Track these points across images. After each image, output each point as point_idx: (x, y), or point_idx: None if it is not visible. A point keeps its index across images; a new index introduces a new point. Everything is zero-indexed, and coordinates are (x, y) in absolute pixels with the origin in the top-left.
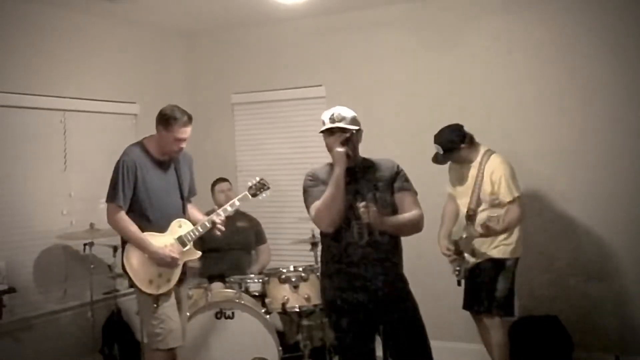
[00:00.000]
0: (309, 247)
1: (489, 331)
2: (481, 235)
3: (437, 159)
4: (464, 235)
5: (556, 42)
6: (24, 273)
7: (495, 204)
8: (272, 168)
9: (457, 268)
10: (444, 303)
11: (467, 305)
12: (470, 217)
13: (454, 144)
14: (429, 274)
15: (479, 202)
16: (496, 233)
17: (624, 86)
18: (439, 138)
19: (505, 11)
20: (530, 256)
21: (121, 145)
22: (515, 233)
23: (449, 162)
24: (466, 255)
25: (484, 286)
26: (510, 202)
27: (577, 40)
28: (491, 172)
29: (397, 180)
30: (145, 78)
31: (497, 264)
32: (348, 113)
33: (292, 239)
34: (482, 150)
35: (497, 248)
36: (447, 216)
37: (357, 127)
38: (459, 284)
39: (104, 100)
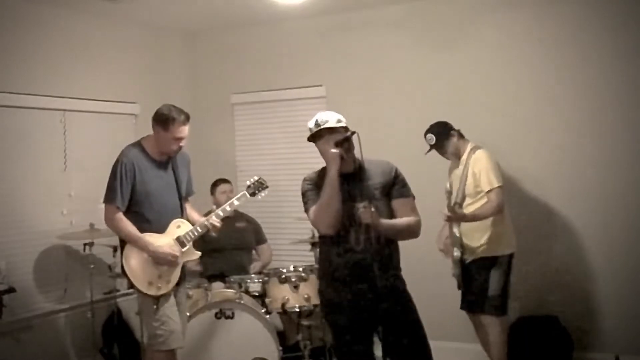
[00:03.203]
0: (309, 247)
1: (486, 330)
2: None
3: (430, 149)
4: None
5: (555, 41)
6: (24, 273)
7: (479, 197)
8: (272, 168)
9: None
10: (443, 303)
11: (463, 305)
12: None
13: (444, 133)
14: (427, 275)
15: (464, 197)
16: (471, 219)
17: (623, 86)
18: (429, 129)
19: (505, 11)
20: (529, 256)
21: (121, 145)
22: (500, 228)
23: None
24: (455, 249)
25: (477, 285)
26: (488, 192)
27: (576, 39)
28: (473, 165)
29: (395, 185)
30: (145, 78)
31: (488, 262)
32: (332, 116)
33: (292, 239)
34: (469, 146)
35: (484, 247)
36: None
37: (342, 125)
38: (459, 287)
39: (104, 100)
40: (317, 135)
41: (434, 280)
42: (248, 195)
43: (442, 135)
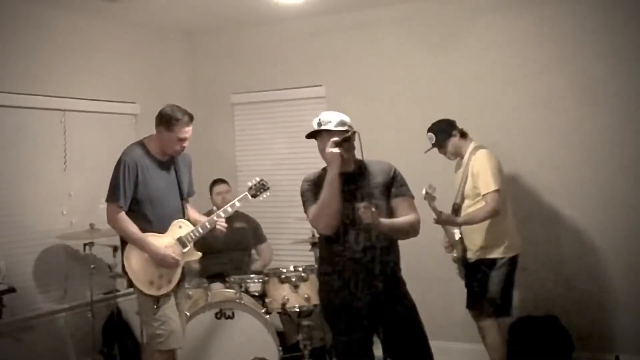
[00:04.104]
0: (309, 247)
1: (484, 331)
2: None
3: (430, 148)
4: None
5: (554, 41)
6: (24, 273)
7: (477, 200)
8: (272, 168)
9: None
10: (443, 303)
11: (467, 305)
12: (456, 211)
13: (445, 132)
14: (427, 275)
15: (463, 199)
16: (463, 223)
17: (622, 86)
18: (430, 128)
19: (504, 10)
20: (530, 256)
21: (121, 145)
22: (501, 231)
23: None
24: (455, 250)
25: (477, 286)
26: (484, 195)
27: (576, 39)
28: (473, 166)
29: (393, 185)
30: (145, 78)
31: (488, 264)
32: (334, 117)
33: (292, 239)
34: (471, 145)
35: (483, 249)
36: None
37: (343, 129)
38: (466, 285)
39: (104, 100)
40: (318, 135)
41: (434, 280)
42: (249, 197)
43: (442, 134)
